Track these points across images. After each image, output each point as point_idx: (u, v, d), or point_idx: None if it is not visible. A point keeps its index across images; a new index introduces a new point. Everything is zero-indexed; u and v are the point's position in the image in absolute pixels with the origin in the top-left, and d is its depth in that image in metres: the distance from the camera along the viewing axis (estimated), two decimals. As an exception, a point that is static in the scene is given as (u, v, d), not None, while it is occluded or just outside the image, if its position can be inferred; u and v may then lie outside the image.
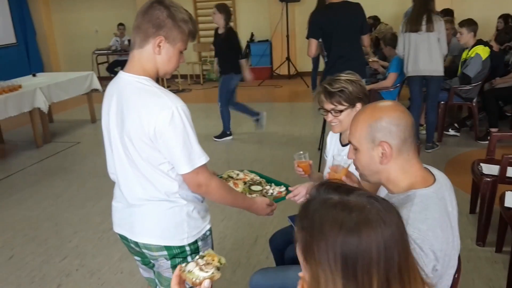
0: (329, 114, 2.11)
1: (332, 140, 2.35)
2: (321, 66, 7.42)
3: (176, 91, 8.49)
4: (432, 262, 1.25)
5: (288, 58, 9.49)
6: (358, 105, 2.09)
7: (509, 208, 2.66)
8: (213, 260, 1.25)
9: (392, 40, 5.39)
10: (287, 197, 2.09)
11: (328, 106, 2.09)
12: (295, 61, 9.66)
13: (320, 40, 4.26)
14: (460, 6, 7.84)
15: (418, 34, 4.60)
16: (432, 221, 1.29)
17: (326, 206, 0.84)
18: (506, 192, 2.81)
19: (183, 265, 1.24)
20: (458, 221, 1.44)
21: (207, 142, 5.68)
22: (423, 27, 4.56)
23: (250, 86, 9.56)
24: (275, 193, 2.17)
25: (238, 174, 2.30)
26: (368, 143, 1.37)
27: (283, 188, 2.19)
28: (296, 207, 1.06)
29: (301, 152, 2.19)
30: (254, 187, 2.19)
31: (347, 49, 4.16)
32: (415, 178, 1.39)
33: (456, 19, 6.15)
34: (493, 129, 5.10)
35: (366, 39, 4.31)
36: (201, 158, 1.65)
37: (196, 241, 1.77)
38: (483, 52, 5.04)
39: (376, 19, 8.00)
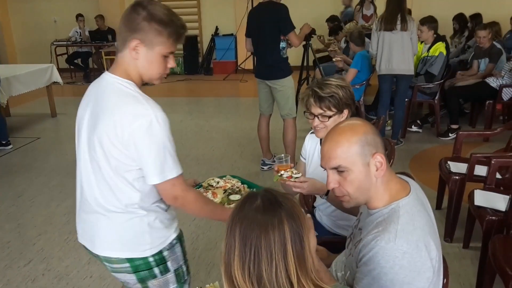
0: (316, 119, 2.04)
1: (311, 142, 2.29)
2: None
3: (139, 85, 8.26)
4: (427, 272, 1.26)
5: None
6: (345, 112, 2.04)
7: (478, 207, 2.74)
8: None
9: (357, 38, 5.48)
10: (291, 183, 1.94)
11: (316, 110, 2.02)
12: (260, 56, 9.60)
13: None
14: (419, 5, 8.03)
15: (392, 33, 4.67)
16: (421, 231, 1.29)
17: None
18: (475, 190, 2.89)
19: None
20: None
21: (177, 137, 5.55)
22: (398, 26, 4.63)
23: (215, 80, 9.49)
24: None
25: (218, 182, 2.19)
26: (362, 159, 1.32)
27: None
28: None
29: (282, 155, 2.11)
30: (232, 197, 2.08)
31: (260, 49, 4.32)
32: (394, 187, 1.38)
33: (414, 18, 6.29)
34: (454, 126, 5.28)
35: (291, 38, 4.21)
36: (173, 171, 1.57)
37: (161, 251, 1.69)
38: (444, 49, 5.21)
39: (334, 20, 7.92)
